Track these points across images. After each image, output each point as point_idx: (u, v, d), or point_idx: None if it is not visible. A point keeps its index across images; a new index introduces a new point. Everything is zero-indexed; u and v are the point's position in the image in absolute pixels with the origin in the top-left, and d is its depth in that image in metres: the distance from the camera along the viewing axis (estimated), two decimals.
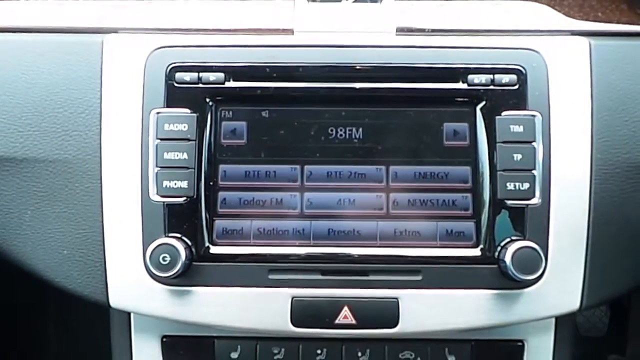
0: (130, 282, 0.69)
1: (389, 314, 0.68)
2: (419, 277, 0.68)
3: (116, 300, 0.70)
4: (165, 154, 0.68)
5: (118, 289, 0.70)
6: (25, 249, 0.71)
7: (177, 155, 0.68)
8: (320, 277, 0.69)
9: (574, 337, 0.77)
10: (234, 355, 0.75)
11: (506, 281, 0.67)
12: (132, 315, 0.76)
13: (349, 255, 0.69)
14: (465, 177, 0.70)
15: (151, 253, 0.65)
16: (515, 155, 0.68)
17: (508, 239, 0.67)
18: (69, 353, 1.16)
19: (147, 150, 0.69)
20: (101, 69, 0.71)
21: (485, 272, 0.68)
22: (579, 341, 0.79)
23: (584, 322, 1.13)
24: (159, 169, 0.68)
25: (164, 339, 0.75)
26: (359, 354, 0.74)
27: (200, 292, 0.69)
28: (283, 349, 0.74)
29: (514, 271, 0.65)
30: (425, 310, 0.68)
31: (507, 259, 0.65)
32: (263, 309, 0.69)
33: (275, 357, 0.74)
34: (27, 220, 0.71)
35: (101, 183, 0.69)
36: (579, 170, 0.69)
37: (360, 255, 0.69)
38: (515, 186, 0.68)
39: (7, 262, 0.72)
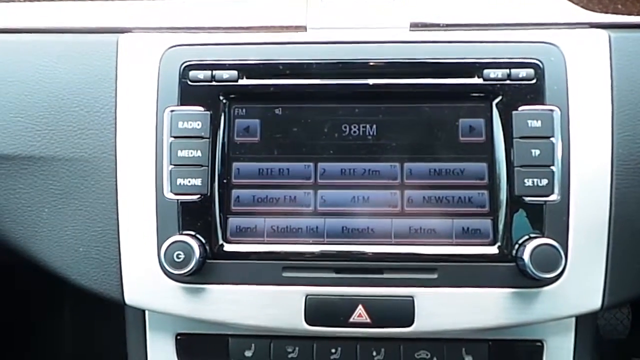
0: (145, 280, 0.69)
1: (404, 312, 0.67)
2: (435, 275, 0.67)
3: (131, 297, 0.70)
4: (179, 151, 0.69)
5: (133, 286, 0.70)
6: (42, 247, 0.72)
7: (191, 153, 0.69)
8: (334, 275, 0.68)
9: (595, 338, 0.75)
10: (248, 353, 0.75)
11: (524, 279, 0.66)
12: (146, 312, 0.76)
13: (364, 253, 0.68)
14: (481, 174, 0.69)
15: (165, 250, 0.66)
16: (533, 150, 0.67)
17: (526, 237, 0.66)
18: (85, 351, 1.17)
19: (162, 148, 0.69)
20: (116, 68, 0.71)
21: (503, 271, 0.67)
22: (601, 343, 0.77)
23: (605, 325, 1.10)
24: (172, 166, 0.69)
25: (178, 337, 0.76)
26: (374, 353, 0.74)
27: (214, 290, 0.69)
28: (297, 348, 0.74)
29: (532, 269, 0.63)
30: (441, 309, 0.67)
31: (526, 256, 0.64)
32: (277, 307, 0.68)
33: (289, 356, 0.74)
34: (45, 217, 0.72)
35: (116, 181, 0.70)
36: (600, 165, 0.67)
37: (374, 253, 0.68)
38: (533, 182, 0.66)
39: (24, 259, 0.73)
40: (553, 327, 0.73)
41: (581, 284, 0.67)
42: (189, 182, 0.68)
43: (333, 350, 0.74)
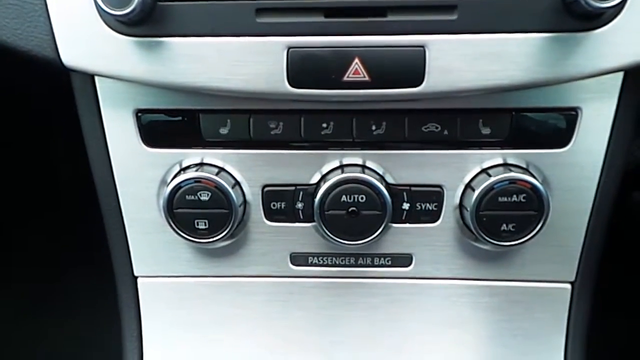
0: (84, 31, 0.54)
1: (412, 67, 0.53)
2: (454, 16, 0.52)
3: (69, 56, 0.56)
4: None
5: (69, 40, 0.55)
6: None
7: None
8: (323, 19, 0.53)
9: None
10: (224, 131, 0.63)
11: (570, 20, 0.51)
12: (97, 82, 0.62)
13: None
14: None
15: None
16: None
17: None
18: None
19: None
20: None
21: (543, 8, 0.51)
22: None
23: None
24: None
25: (139, 114, 0.63)
26: (373, 127, 0.61)
27: (172, 44, 0.54)
28: (281, 123, 0.62)
29: None
30: (460, 63, 0.53)
31: None
32: (252, 64, 0.54)
33: (273, 132, 0.62)
34: None
35: None
36: None
37: None
38: None
39: None
40: (593, 90, 0.59)
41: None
42: None
43: (324, 125, 0.61)
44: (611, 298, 0.84)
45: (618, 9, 0.50)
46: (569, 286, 0.69)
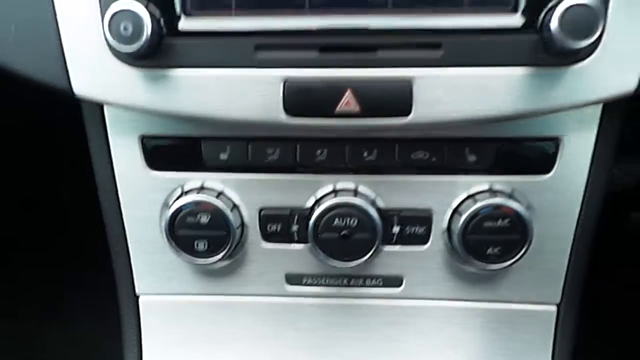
0: (93, 63, 0.58)
1: (401, 98, 0.57)
2: (439, 53, 0.56)
3: (80, 86, 0.59)
4: None
5: (80, 72, 0.59)
6: None
7: None
8: (317, 54, 0.57)
9: (620, 133, 0.65)
10: (223, 156, 0.66)
11: (549, 56, 0.55)
12: (105, 112, 0.66)
13: (353, 26, 0.56)
14: None
15: (110, 20, 0.53)
16: None
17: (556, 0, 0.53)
18: None
19: None
20: None
21: (524, 45, 0.55)
22: (626, 137, 0.67)
23: None
24: None
25: (144, 140, 0.66)
26: (365, 153, 0.65)
27: (176, 75, 0.58)
28: (278, 149, 0.65)
29: (562, 36, 0.51)
30: (445, 95, 0.57)
31: (554, 22, 0.51)
32: (250, 94, 0.58)
33: (269, 158, 0.65)
34: None
35: None
36: None
37: (367, 27, 0.56)
38: None
39: None
40: (574, 120, 0.62)
41: (617, 59, 0.55)
42: None
43: (319, 152, 0.65)
44: (596, 319, 0.86)
45: (593, 46, 0.54)
46: (554, 308, 0.71)
